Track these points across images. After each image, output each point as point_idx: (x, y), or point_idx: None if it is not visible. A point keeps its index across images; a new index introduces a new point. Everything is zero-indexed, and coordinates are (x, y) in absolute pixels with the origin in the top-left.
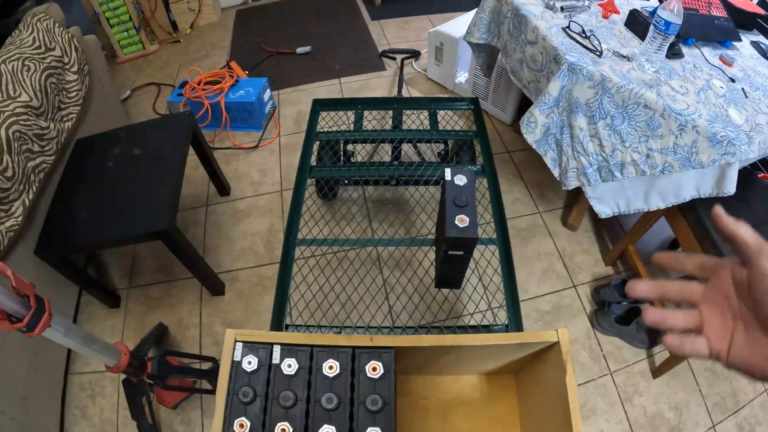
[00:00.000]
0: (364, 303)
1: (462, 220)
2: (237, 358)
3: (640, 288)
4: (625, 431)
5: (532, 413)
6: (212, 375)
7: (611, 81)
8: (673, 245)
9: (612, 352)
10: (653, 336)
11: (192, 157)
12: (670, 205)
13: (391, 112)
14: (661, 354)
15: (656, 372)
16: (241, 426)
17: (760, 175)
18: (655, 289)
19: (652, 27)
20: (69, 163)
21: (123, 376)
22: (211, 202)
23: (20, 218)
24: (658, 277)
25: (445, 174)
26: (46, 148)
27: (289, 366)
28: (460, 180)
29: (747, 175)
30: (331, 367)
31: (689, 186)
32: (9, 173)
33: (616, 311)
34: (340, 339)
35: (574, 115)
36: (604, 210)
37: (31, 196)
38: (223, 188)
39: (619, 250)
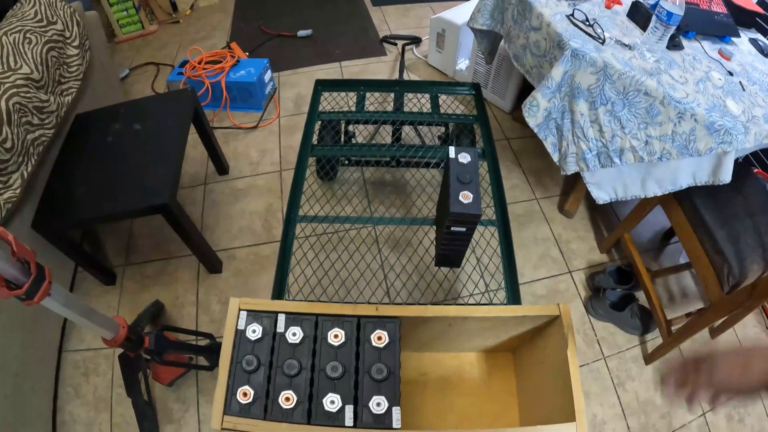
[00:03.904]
0: (365, 279)
1: (466, 197)
2: (241, 326)
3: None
4: (618, 415)
5: (529, 390)
6: (209, 351)
7: (613, 68)
8: (667, 236)
9: (606, 337)
10: (646, 323)
11: (191, 136)
12: (667, 192)
13: (392, 97)
14: (653, 341)
15: (648, 358)
16: (245, 394)
17: (754, 170)
18: None
19: (654, 17)
20: (68, 137)
21: (118, 353)
22: (209, 181)
23: (18, 190)
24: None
25: (450, 152)
26: (46, 121)
27: (294, 335)
28: (464, 158)
29: (742, 168)
30: (336, 336)
31: (686, 174)
32: (8, 145)
33: (610, 297)
34: (345, 308)
35: (576, 100)
36: (601, 196)
37: (29, 169)
38: (222, 167)
39: (614, 237)
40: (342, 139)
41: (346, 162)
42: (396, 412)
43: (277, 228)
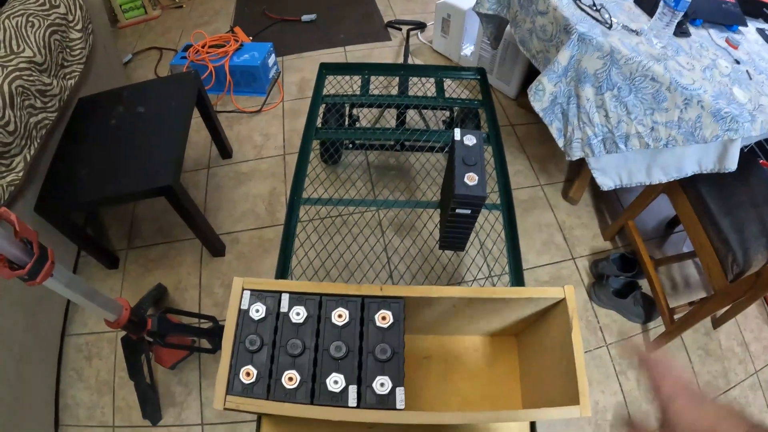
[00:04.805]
0: (368, 262)
1: (471, 178)
2: (244, 306)
3: None
4: (620, 403)
5: (533, 374)
6: (212, 334)
7: (620, 53)
8: (671, 225)
9: (608, 324)
10: (649, 311)
11: (194, 120)
12: (672, 179)
13: (396, 82)
14: (656, 329)
15: (650, 347)
16: (248, 374)
17: (760, 162)
18: None
19: (661, 3)
20: (71, 120)
21: (121, 336)
22: (212, 164)
23: (21, 173)
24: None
25: (455, 134)
26: (49, 104)
27: (298, 314)
28: (470, 140)
29: (748, 159)
30: (340, 316)
31: (691, 161)
32: (11, 128)
33: (613, 284)
34: (349, 288)
35: (582, 85)
36: (606, 182)
37: (32, 152)
38: (225, 151)
39: (618, 225)
40: (346, 123)
41: (350, 145)
42: (400, 392)
43: (280, 212)
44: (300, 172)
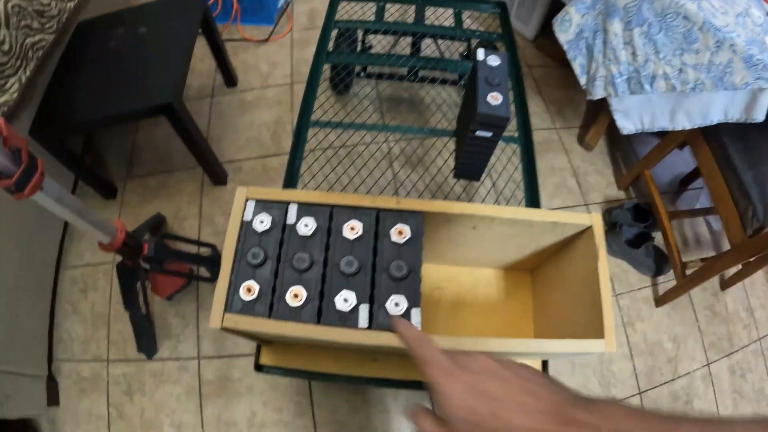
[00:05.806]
0: (379, 187)
1: (495, 98)
2: (247, 218)
3: None
4: (626, 355)
5: (548, 309)
6: (211, 262)
7: None
8: (684, 181)
9: (618, 275)
10: (660, 264)
11: (199, 50)
12: (696, 126)
13: (412, 10)
14: (665, 284)
15: (659, 301)
16: (249, 290)
17: None
18: None
19: None
20: (70, 43)
21: (117, 263)
22: (216, 93)
23: (15, 95)
24: None
25: (478, 54)
26: (47, 25)
27: (306, 226)
28: (494, 61)
29: None
30: (352, 229)
31: (718, 108)
32: (6, 47)
33: (626, 234)
34: (363, 199)
35: (610, 19)
36: (627, 125)
37: (27, 74)
38: (230, 79)
39: (634, 173)
40: (359, 49)
41: (362, 73)
42: (416, 313)
43: (286, 140)
44: (310, 95)
